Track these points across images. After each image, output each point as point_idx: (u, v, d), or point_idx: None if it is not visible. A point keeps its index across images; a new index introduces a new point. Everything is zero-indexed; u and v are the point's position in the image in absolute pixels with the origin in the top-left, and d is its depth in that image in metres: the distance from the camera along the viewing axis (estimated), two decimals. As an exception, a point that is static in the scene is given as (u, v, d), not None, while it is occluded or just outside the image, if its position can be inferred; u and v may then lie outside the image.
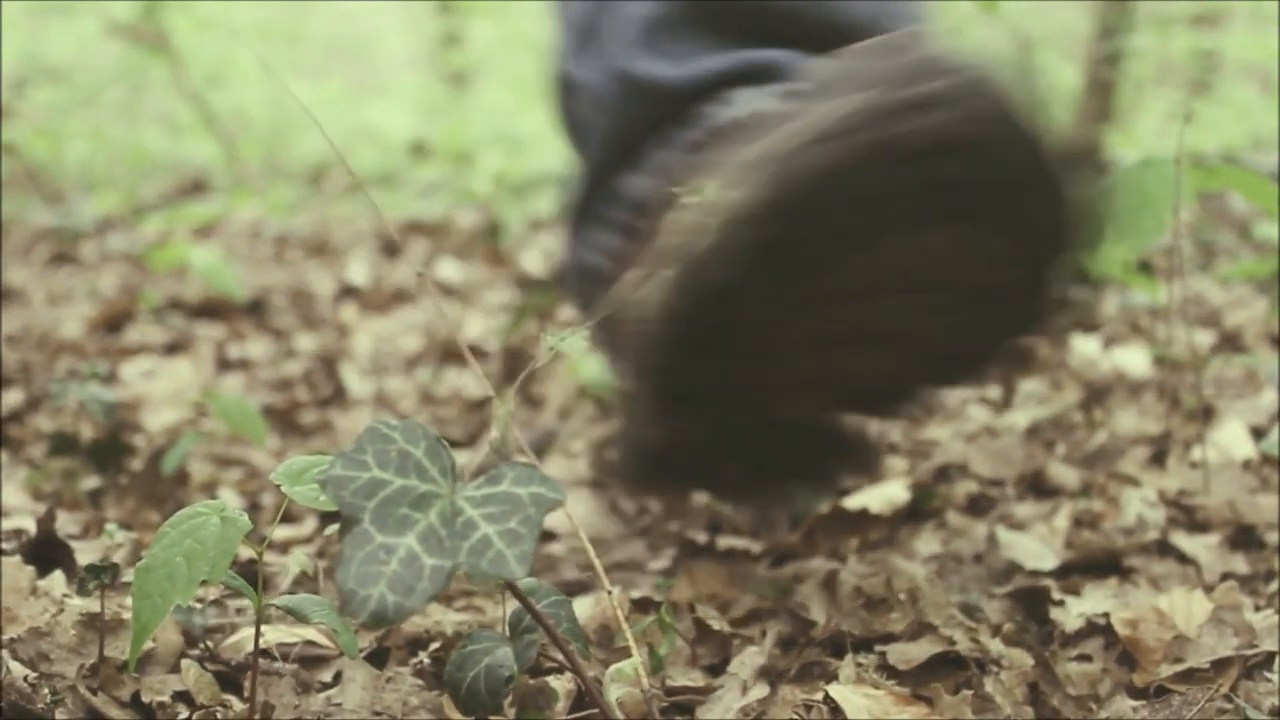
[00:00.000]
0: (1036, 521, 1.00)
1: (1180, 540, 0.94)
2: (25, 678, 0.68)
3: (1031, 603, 0.84)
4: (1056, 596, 0.85)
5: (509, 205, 2.70)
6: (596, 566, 0.68)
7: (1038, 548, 0.93)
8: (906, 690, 0.73)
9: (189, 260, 1.72)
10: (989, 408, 1.30)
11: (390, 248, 2.35)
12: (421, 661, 0.76)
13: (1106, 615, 0.81)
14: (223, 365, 1.68)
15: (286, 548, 1.02)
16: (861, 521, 0.99)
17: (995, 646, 0.76)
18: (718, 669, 0.79)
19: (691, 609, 0.85)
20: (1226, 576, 0.87)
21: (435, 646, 0.78)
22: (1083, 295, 0.76)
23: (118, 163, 3.77)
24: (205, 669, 0.73)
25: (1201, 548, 0.93)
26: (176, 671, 0.73)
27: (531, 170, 3.25)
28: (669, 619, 0.76)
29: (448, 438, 0.60)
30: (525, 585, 0.64)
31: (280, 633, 0.78)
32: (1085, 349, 1.47)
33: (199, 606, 0.81)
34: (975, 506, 1.05)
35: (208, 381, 1.58)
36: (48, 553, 0.89)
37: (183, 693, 0.71)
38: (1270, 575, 0.90)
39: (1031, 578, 0.89)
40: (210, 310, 1.91)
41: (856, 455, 0.89)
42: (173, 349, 1.74)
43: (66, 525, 1.02)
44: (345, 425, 1.39)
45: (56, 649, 0.71)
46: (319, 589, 0.87)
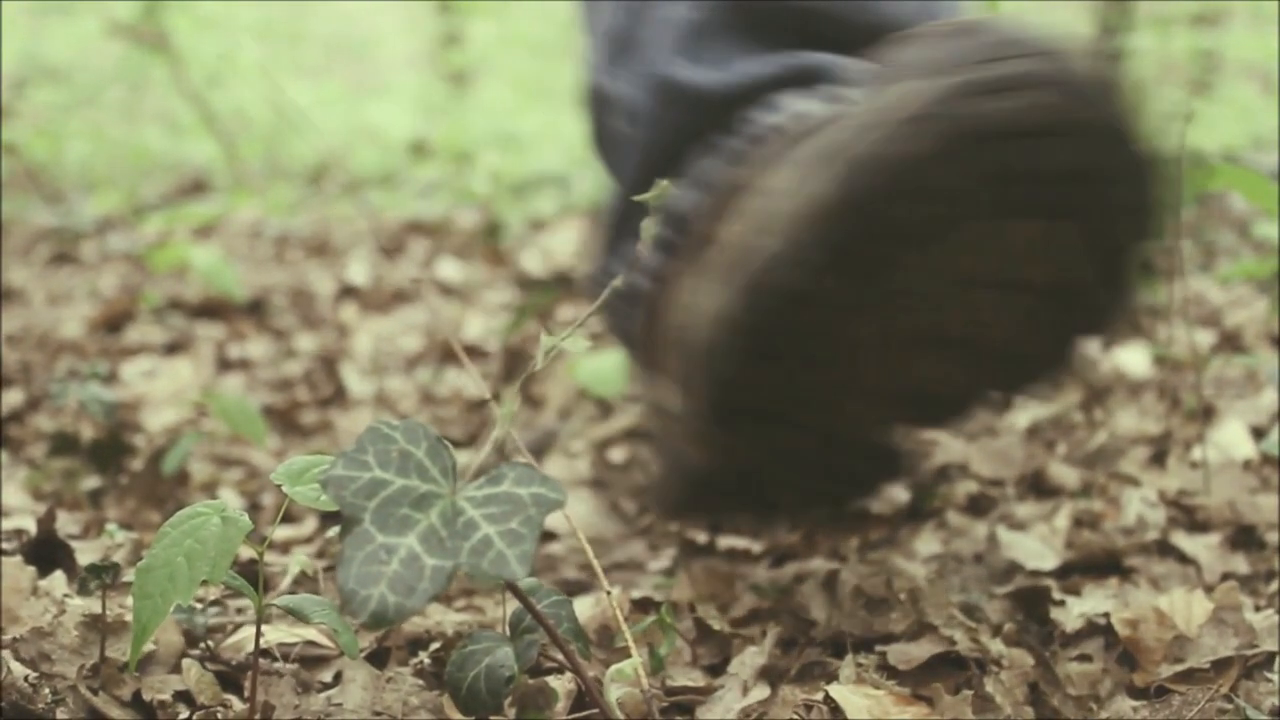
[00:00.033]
0: (1037, 521, 1.00)
1: (1180, 540, 0.94)
2: (26, 678, 0.68)
3: (1032, 603, 0.84)
4: (1057, 596, 0.85)
5: (509, 205, 2.69)
6: (595, 567, 0.68)
7: (1038, 548, 0.93)
8: (907, 690, 0.73)
9: (189, 260, 1.72)
10: (989, 407, 1.30)
11: (391, 247, 2.35)
12: (422, 661, 0.76)
13: (1107, 615, 0.81)
14: (223, 365, 1.68)
15: (287, 548, 1.02)
16: (862, 521, 0.99)
17: (995, 646, 0.76)
18: (718, 669, 0.79)
19: (692, 609, 0.85)
20: (1227, 577, 0.87)
21: (436, 646, 0.78)
22: (1146, 291, 0.73)
23: (118, 163, 3.77)
24: (206, 669, 0.73)
25: (1202, 548, 0.93)
26: (177, 672, 0.74)
27: (531, 170, 3.24)
28: (669, 619, 0.76)
29: (448, 438, 0.60)
30: (526, 585, 0.64)
31: (281, 633, 0.78)
32: (1085, 349, 1.46)
33: (200, 606, 0.81)
34: (975, 506, 1.05)
35: (208, 381, 1.58)
36: (48, 553, 0.89)
37: (183, 692, 0.72)
38: (1270, 575, 0.90)
39: (1032, 578, 0.89)
40: (210, 310, 1.91)
41: (899, 466, 0.87)
42: (173, 349, 1.74)
43: (67, 525, 1.02)
44: (346, 425, 1.39)
45: (58, 649, 0.71)
46: (319, 589, 0.87)
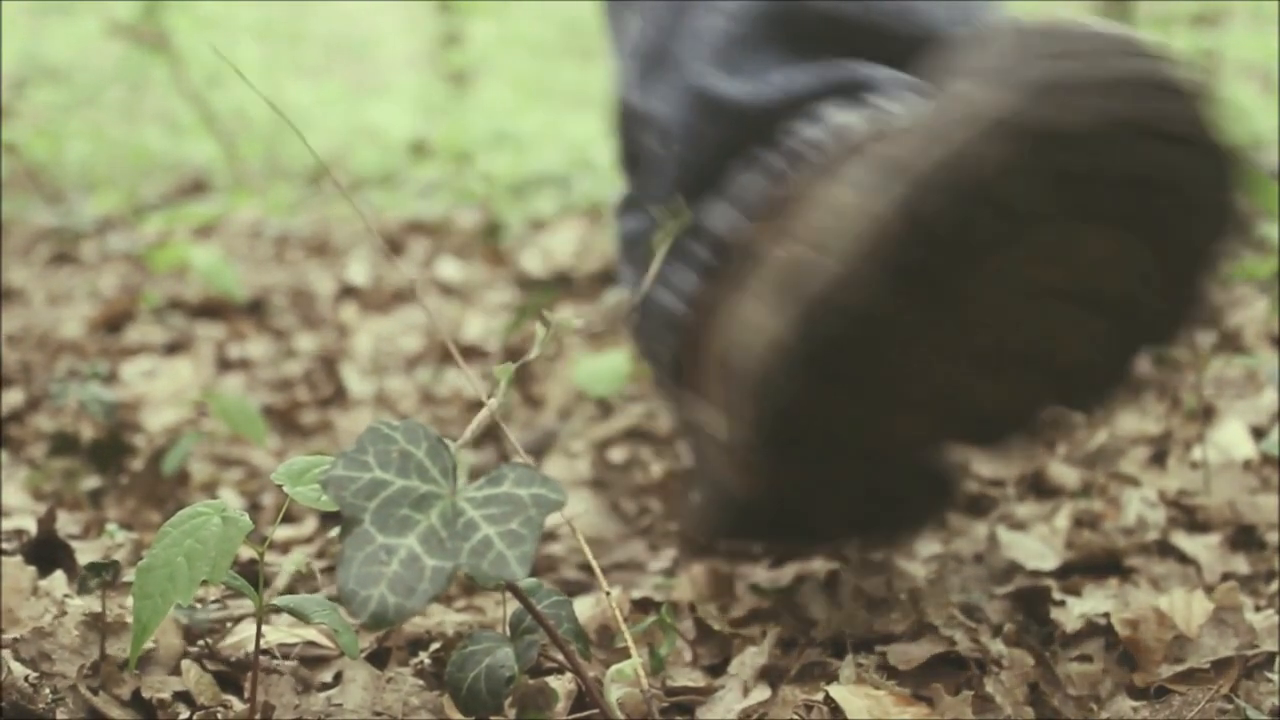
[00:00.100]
0: (1037, 521, 1.00)
1: (1180, 540, 0.94)
2: (26, 677, 0.68)
3: (1032, 603, 0.84)
4: (1057, 597, 0.85)
5: (509, 205, 2.69)
6: (595, 568, 0.68)
7: (1038, 548, 0.93)
8: (907, 690, 0.73)
9: (189, 260, 1.72)
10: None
11: (391, 247, 2.35)
12: (422, 662, 0.76)
13: (1107, 615, 0.81)
14: (223, 365, 1.68)
15: (287, 548, 1.02)
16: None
17: (996, 647, 0.76)
18: (718, 669, 0.79)
19: (692, 609, 0.85)
20: (1227, 577, 0.87)
21: (436, 647, 0.78)
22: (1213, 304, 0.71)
23: (118, 163, 3.76)
24: (206, 669, 0.73)
25: (1202, 548, 0.93)
26: (177, 672, 0.74)
27: (531, 170, 3.24)
28: (669, 619, 0.76)
29: (449, 438, 0.60)
30: (526, 585, 0.64)
31: (281, 633, 0.78)
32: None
33: (200, 606, 0.81)
34: (975, 506, 1.05)
35: (208, 381, 1.58)
36: (48, 553, 0.89)
37: (183, 692, 0.72)
38: (1271, 575, 0.90)
39: (1032, 578, 0.89)
40: (210, 310, 1.91)
41: (949, 490, 0.85)
42: (173, 349, 1.73)
43: (67, 525, 1.02)
44: (346, 425, 1.39)
45: (58, 649, 0.71)
46: (319, 589, 0.87)
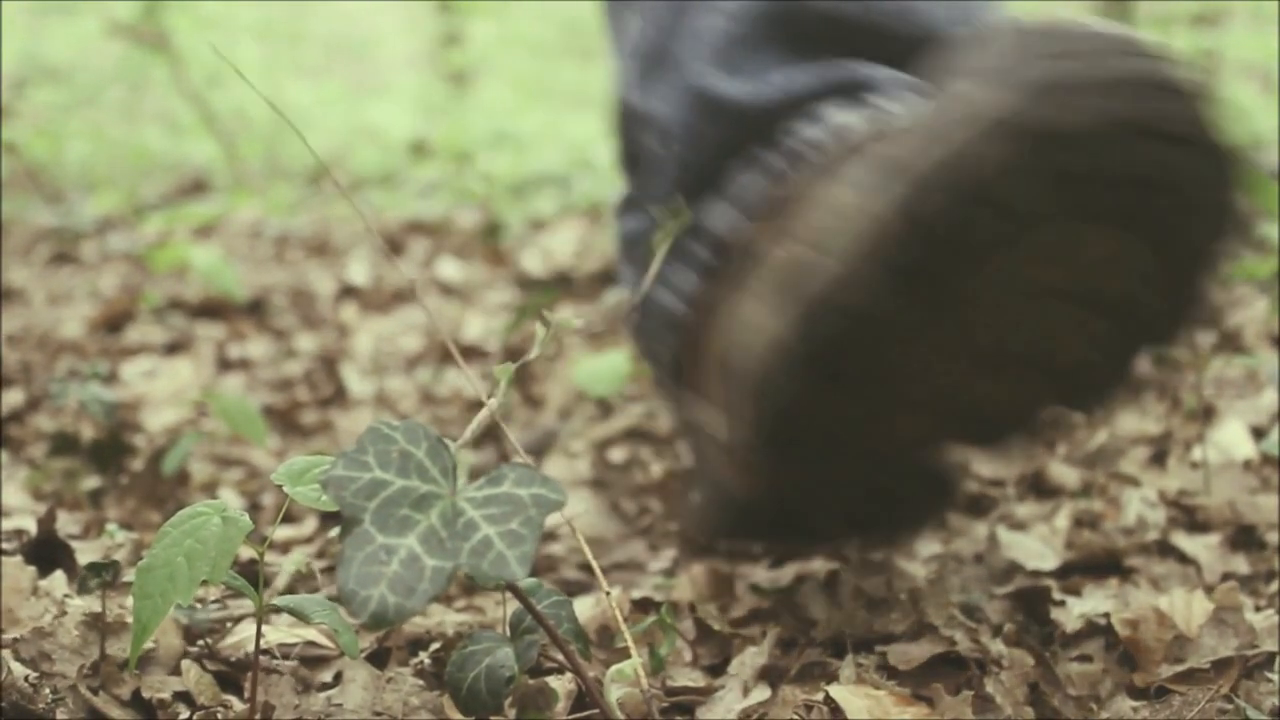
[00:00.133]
0: (1037, 521, 1.00)
1: (1181, 540, 0.94)
2: (26, 678, 0.68)
3: (1032, 603, 0.84)
4: (1057, 597, 0.85)
5: (509, 205, 2.69)
6: (595, 569, 0.68)
7: (1038, 548, 0.93)
8: (907, 691, 0.73)
9: (189, 260, 1.72)
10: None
11: (391, 247, 2.35)
12: (422, 662, 0.76)
13: (1107, 615, 0.81)
14: (223, 365, 1.68)
15: (288, 548, 1.02)
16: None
17: (996, 647, 0.76)
18: (718, 669, 0.79)
19: (692, 609, 0.85)
20: (1227, 577, 0.87)
21: (436, 647, 0.78)
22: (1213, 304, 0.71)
23: (118, 163, 3.76)
24: (206, 669, 0.73)
25: (1202, 548, 0.93)
26: (177, 672, 0.74)
27: (531, 170, 3.24)
28: (669, 619, 0.76)
29: (449, 438, 0.60)
30: (526, 585, 0.64)
31: (281, 633, 0.78)
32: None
33: (200, 606, 0.81)
34: (975, 506, 1.05)
35: (208, 381, 1.58)
36: (48, 553, 0.89)
37: (183, 692, 0.71)
38: (1271, 575, 0.90)
39: (1032, 578, 0.89)
40: (211, 310, 1.91)
41: (949, 490, 0.85)
42: (173, 349, 1.73)
43: (67, 525, 1.02)
44: (346, 425, 1.39)
45: (58, 649, 0.71)
46: (319, 589, 0.87)
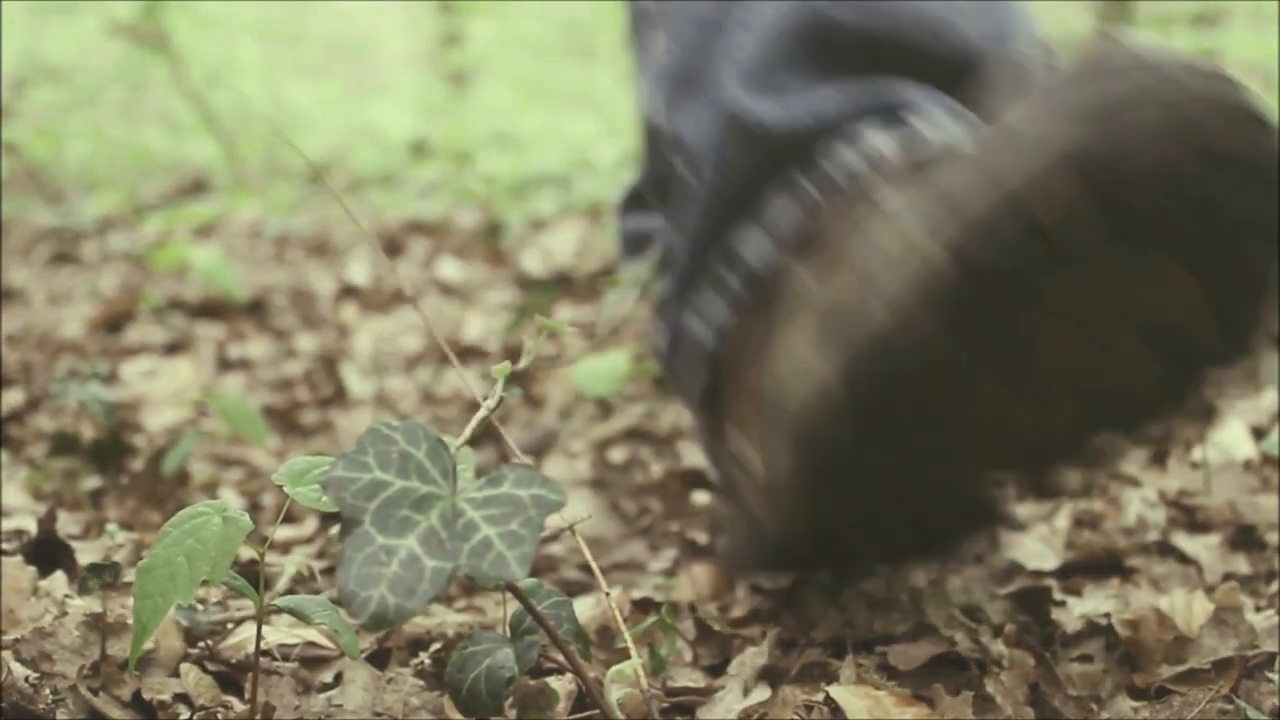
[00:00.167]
0: (1037, 521, 1.00)
1: (1181, 541, 0.94)
2: (27, 678, 0.68)
3: (1033, 603, 0.84)
4: (1058, 597, 0.85)
5: (509, 205, 2.70)
6: (594, 569, 0.68)
7: (1039, 548, 0.93)
8: (907, 691, 0.73)
9: (189, 260, 1.72)
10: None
11: (391, 247, 2.35)
12: (422, 662, 0.76)
13: (1108, 616, 0.81)
14: (223, 365, 1.68)
15: (288, 548, 1.02)
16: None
17: (996, 647, 0.76)
18: (718, 669, 0.79)
19: (692, 609, 0.85)
20: (1228, 577, 0.87)
21: (436, 647, 0.78)
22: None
23: (118, 163, 3.77)
24: (206, 670, 0.73)
25: (1202, 548, 0.93)
26: (178, 673, 0.73)
27: (531, 170, 3.24)
28: (669, 619, 0.76)
29: (449, 437, 0.60)
30: (526, 586, 0.64)
31: (281, 633, 0.78)
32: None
33: (200, 607, 0.81)
34: (976, 507, 1.05)
35: (208, 381, 1.58)
36: (49, 553, 0.89)
37: (183, 694, 0.71)
38: (1271, 576, 0.90)
39: (1033, 578, 0.89)
40: (211, 310, 1.91)
41: (992, 518, 0.84)
42: (173, 349, 1.73)
43: (67, 525, 1.02)
44: (346, 425, 1.39)
45: (58, 649, 0.71)
46: (319, 589, 0.87)
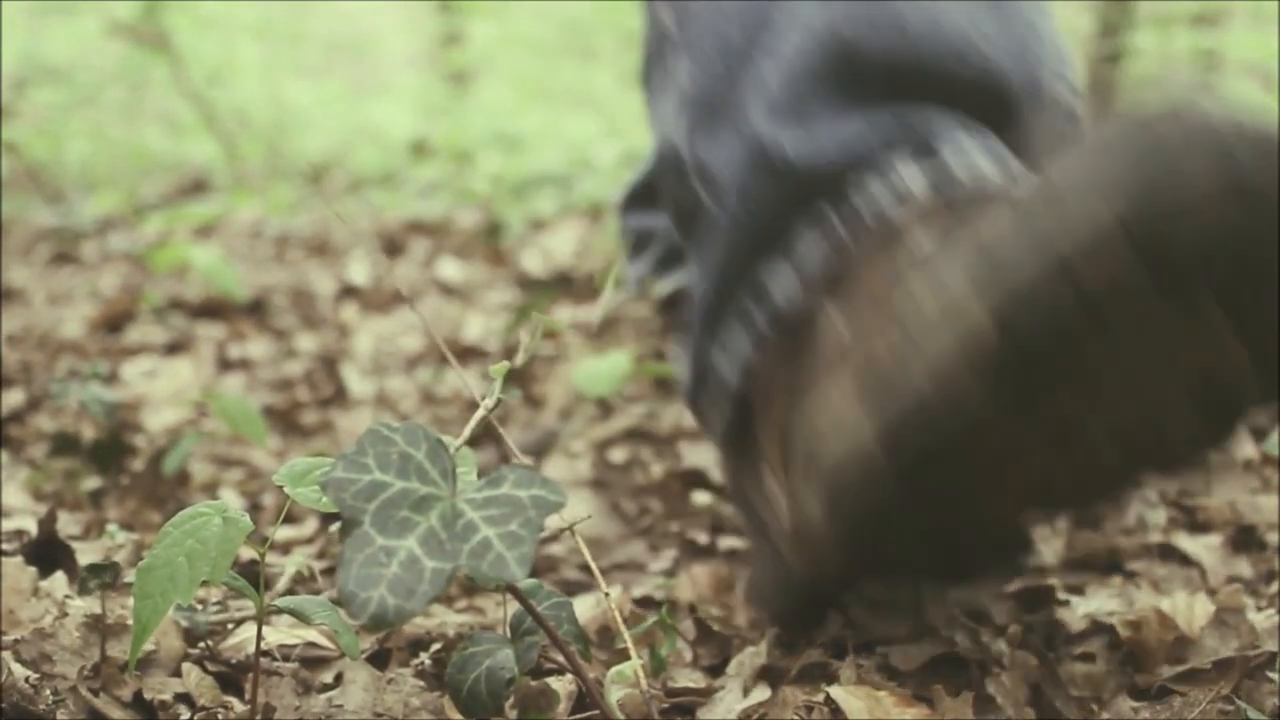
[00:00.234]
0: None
1: (1182, 541, 0.94)
2: (27, 679, 0.68)
3: (1034, 603, 0.84)
4: (1060, 597, 0.85)
5: (509, 205, 2.70)
6: (594, 569, 0.68)
7: (1040, 548, 0.93)
8: (908, 691, 0.73)
9: (190, 260, 1.72)
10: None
11: (391, 247, 2.35)
12: (423, 663, 0.76)
13: (1110, 616, 0.81)
14: (223, 365, 1.68)
15: (288, 549, 1.02)
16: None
17: (997, 647, 0.76)
18: (718, 670, 0.79)
19: (692, 609, 0.85)
20: (1229, 578, 0.87)
21: (437, 648, 0.78)
22: None
23: (118, 163, 3.77)
24: (207, 670, 0.73)
25: (1203, 548, 0.93)
26: (178, 674, 0.73)
27: (531, 170, 3.24)
28: (670, 620, 0.76)
29: (448, 439, 0.60)
30: (526, 586, 0.64)
31: (282, 634, 0.78)
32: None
33: (201, 608, 0.81)
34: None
35: (208, 381, 1.58)
36: (49, 553, 0.89)
37: (184, 694, 0.71)
38: (1271, 576, 0.90)
39: (1035, 578, 0.89)
40: (211, 310, 1.90)
41: (1027, 553, 0.83)
42: (173, 349, 1.73)
43: (68, 526, 1.02)
44: (346, 425, 1.39)
45: (59, 650, 0.71)
46: (319, 590, 0.87)
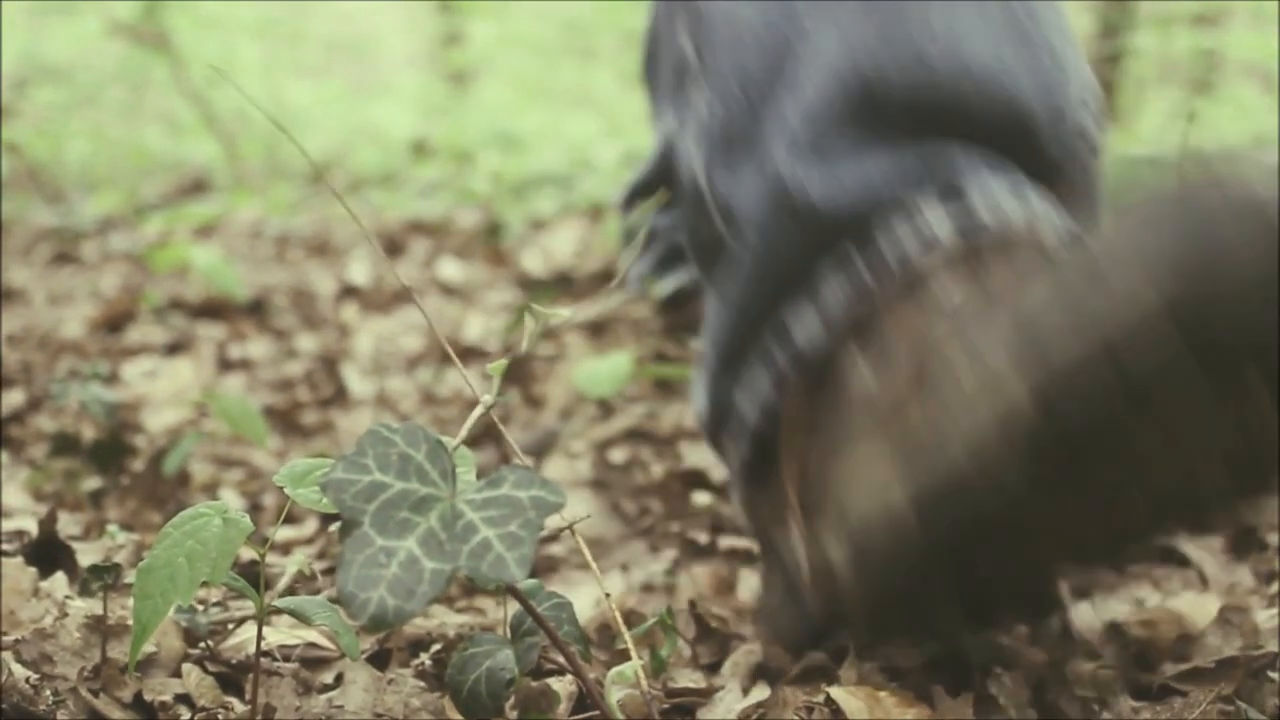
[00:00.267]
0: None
1: (1182, 541, 0.94)
2: (27, 679, 0.68)
3: (1036, 603, 0.84)
4: (1063, 597, 0.85)
5: (509, 205, 2.70)
6: (594, 569, 0.68)
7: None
8: (908, 692, 0.73)
9: (190, 260, 1.72)
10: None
11: (391, 247, 2.35)
12: (423, 663, 0.76)
13: (1112, 616, 0.81)
14: (224, 365, 1.68)
15: (288, 549, 1.02)
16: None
17: (1000, 647, 0.76)
18: (718, 669, 0.79)
19: (692, 607, 0.85)
20: (1230, 579, 0.87)
21: (437, 648, 0.78)
22: None
23: (118, 163, 3.77)
24: (207, 671, 0.73)
25: (1204, 549, 0.93)
26: (179, 674, 0.73)
27: (531, 170, 3.24)
28: (670, 620, 0.76)
29: (448, 438, 0.60)
30: (526, 587, 0.64)
31: (282, 634, 0.78)
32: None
33: (201, 608, 0.81)
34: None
35: (209, 382, 1.58)
36: (49, 554, 0.89)
37: (184, 694, 0.71)
38: (1272, 576, 0.89)
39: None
40: (211, 310, 1.90)
41: (1051, 606, 0.83)
42: (174, 349, 1.73)
43: (68, 526, 1.02)
44: (346, 425, 1.39)
45: (59, 650, 0.71)
46: (319, 590, 0.87)
